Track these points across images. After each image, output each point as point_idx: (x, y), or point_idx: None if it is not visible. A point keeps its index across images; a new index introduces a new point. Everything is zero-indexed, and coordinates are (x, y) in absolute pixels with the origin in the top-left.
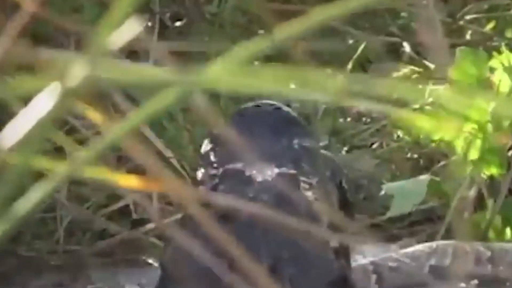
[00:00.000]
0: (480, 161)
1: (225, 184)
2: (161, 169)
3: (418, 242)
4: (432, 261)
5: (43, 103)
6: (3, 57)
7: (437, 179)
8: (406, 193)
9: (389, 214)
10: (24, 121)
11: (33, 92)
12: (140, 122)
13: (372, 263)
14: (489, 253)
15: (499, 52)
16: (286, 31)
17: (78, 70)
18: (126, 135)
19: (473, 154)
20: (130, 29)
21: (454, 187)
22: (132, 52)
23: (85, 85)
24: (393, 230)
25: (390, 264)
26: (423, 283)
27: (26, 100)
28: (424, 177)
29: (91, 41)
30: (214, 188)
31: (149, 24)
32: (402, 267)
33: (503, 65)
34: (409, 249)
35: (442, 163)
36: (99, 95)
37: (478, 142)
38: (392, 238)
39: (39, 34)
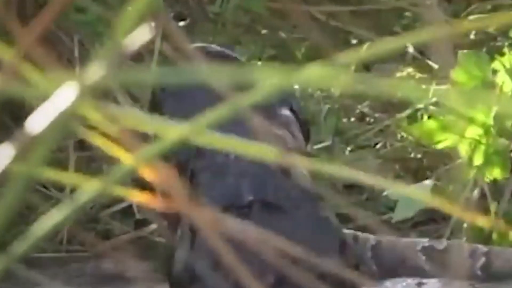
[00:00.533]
0: (483, 165)
1: (202, 176)
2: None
3: None
4: (426, 244)
5: (63, 98)
6: (21, 58)
7: (441, 184)
8: (409, 199)
9: (394, 219)
10: (45, 115)
11: (51, 90)
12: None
13: (371, 237)
14: (485, 249)
15: (502, 54)
16: (350, 57)
17: (95, 69)
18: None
19: (477, 159)
20: (143, 32)
21: (457, 190)
22: (136, 54)
23: (102, 84)
24: (397, 230)
25: (387, 238)
26: (413, 259)
27: (44, 98)
28: (428, 182)
29: (107, 42)
30: (191, 180)
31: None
32: (397, 241)
33: (504, 67)
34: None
35: (446, 167)
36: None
37: (482, 146)
38: None
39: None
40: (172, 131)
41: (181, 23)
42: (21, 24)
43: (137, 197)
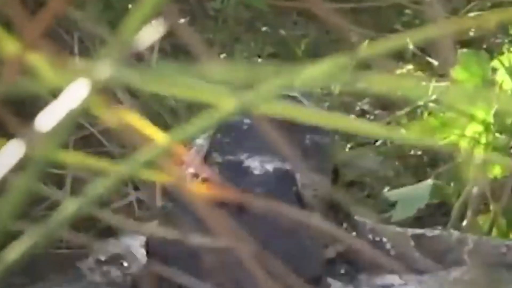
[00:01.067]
0: (483, 162)
1: (223, 175)
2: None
3: None
4: (417, 232)
5: (74, 95)
6: (30, 54)
7: (440, 183)
8: (409, 199)
9: (393, 218)
10: (56, 111)
11: (62, 86)
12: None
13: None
14: (474, 237)
15: (502, 52)
16: (368, 50)
17: (105, 67)
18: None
19: (477, 157)
20: (153, 30)
21: (457, 189)
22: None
23: (112, 81)
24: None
25: (382, 225)
26: (403, 246)
27: (55, 94)
28: (428, 182)
29: (116, 39)
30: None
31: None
32: (391, 228)
33: (503, 66)
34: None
35: (446, 164)
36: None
37: (482, 144)
38: None
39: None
40: (229, 100)
41: (181, 20)
42: (22, 21)
43: (163, 178)
